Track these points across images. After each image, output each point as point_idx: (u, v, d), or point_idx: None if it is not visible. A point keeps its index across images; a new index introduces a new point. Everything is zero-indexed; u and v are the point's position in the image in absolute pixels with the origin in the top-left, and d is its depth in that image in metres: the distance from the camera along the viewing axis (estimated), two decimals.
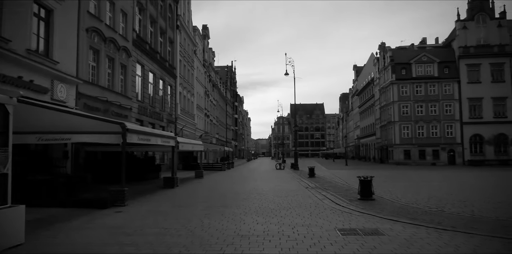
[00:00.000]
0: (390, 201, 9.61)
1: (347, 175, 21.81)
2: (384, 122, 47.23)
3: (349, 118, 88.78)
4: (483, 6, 41.18)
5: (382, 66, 48.11)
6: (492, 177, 19.45)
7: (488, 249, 4.73)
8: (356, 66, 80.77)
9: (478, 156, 39.86)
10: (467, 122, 40.29)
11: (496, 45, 40.43)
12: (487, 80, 40.33)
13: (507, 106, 39.87)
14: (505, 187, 13.63)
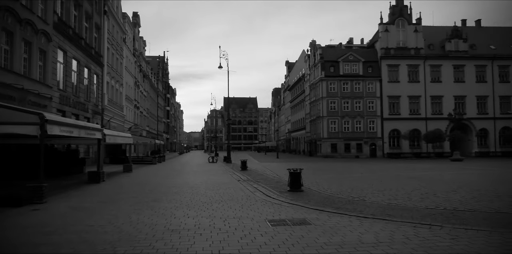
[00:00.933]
0: (318, 192, 10.09)
1: (278, 167, 22.44)
2: (314, 117, 49.33)
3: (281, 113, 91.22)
4: (403, 12, 44.71)
5: (313, 63, 50.05)
6: (406, 169, 21.33)
7: (402, 233, 5.18)
8: (288, 62, 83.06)
9: (395, 149, 43.47)
10: (387, 118, 43.66)
11: (413, 48, 44.19)
12: (405, 80, 44.00)
13: (420, 104, 43.92)
14: (418, 177, 15.05)
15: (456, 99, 44.11)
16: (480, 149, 44.06)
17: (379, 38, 44.76)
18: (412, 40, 44.25)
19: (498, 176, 15.62)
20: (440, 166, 24.10)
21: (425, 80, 44.00)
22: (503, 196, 8.96)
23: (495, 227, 5.54)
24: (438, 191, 10.19)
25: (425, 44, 44.75)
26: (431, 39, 45.65)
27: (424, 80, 43.98)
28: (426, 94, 43.87)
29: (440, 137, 38.96)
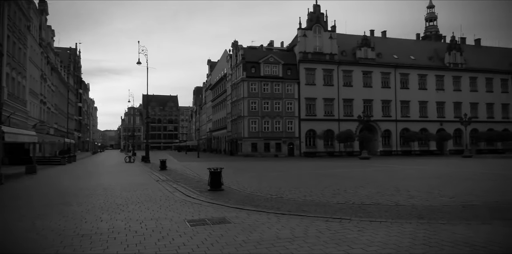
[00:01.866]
0: (238, 191, 10.22)
1: (199, 167, 22.24)
2: (235, 117, 49.82)
3: (202, 112, 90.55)
4: (319, 19, 47.37)
5: (235, 63, 50.53)
6: (320, 167, 22.65)
7: (315, 228, 5.49)
8: (210, 61, 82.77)
9: (311, 148, 45.87)
10: (304, 119, 45.87)
11: (328, 54, 47.04)
12: (320, 83, 46.66)
13: (334, 106, 46.97)
14: (330, 174, 16.08)
15: (365, 102, 48.04)
16: (384, 148, 48.58)
17: (297, 42, 46.83)
18: (328, 46, 47.11)
19: (398, 172, 17.36)
20: (350, 164, 26.02)
21: (339, 84, 47.17)
22: (402, 191, 9.97)
23: (395, 218, 6.15)
24: (348, 187, 10.99)
25: (338, 50, 47.96)
26: (344, 46, 49.10)
27: (337, 84, 47.11)
28: (339, 97, 47.05)
29: (351, 137, 42.08)
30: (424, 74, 50.80)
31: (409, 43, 56.70)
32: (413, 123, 49.40)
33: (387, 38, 56.95)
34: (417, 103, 50.19)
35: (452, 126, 50.77)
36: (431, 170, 18.57)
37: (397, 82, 49.48)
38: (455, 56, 52.61)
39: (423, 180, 12.88)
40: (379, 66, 48.80)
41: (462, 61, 52.82)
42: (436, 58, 53.09)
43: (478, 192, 9.46)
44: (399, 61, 49.90)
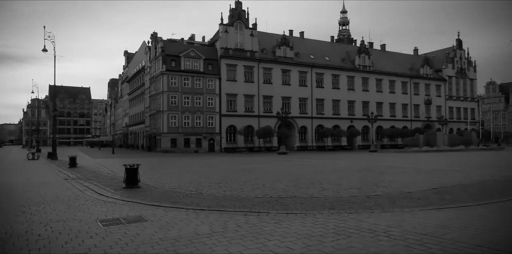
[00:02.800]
0: (155, 188, 9.90)
1: (114, 163, 21.07)
2: (153, 111, 48.11)
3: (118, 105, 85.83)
4: (241, 16, 47.81)
5: (154, 56, 48.70)
6: (240, 162, 22.99)
7: (234, 222, 5.55)
8: (127, 52, 78.62)
9: (232, 144, 46.27)
10: (225, 114, 46.05)
11: (249, 51, 47.74)
12: (241, 79, 47.21)
13: (254, 102, 47.91)
14: (250, 169, 16.41)
15: (283, 100, 49.83)
16: (301, 143, 51.00)
17: (219, 37, 46.72)
18: (249, 43, 47.80)
19: (313, 166, 18.37)
20: (269, 159, 26.83)
21: (259, 81, 48.21)
22: (315, 183, 10.57)
23: (309, 209, 6.50)
24: (267, 181, 11.32)
25: (259, 48, 48.97)
26: (264, 44, 50.28)
27: (258, 81, 48.12)
28: (259, 94, 48.12)
29: (270, 133, 43.38)
30: (337, 75, 54.32)
31: (324, 45, 60.12)
32: (327, 121, 52.63)
33: (305, 39, 59.68)
34: (331, 102, 53.55)
35: (361, 123, 55.23)
36: (343, 163, 19.98)
37: (313, 81, 52.19)
38: (364, 59, 57.12)
39: (335, 173, 13.81)
40: (297, 65, 50.94)
41: (370, 64, 57.59)
42: (348, 60, 57.08)
43: (382, 184, 10.42)
44: (315, 61, 52.64)
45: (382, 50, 67.87)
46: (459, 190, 8.82)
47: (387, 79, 59.64)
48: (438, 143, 41.89)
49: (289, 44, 50.67)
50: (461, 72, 69.39)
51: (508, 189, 8.86)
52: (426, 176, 12.32)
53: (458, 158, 25.17)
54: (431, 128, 62.03)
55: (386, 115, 58.96)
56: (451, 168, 15.65)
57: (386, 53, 67.36)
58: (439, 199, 7.54)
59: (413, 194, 8.30)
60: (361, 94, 56.58)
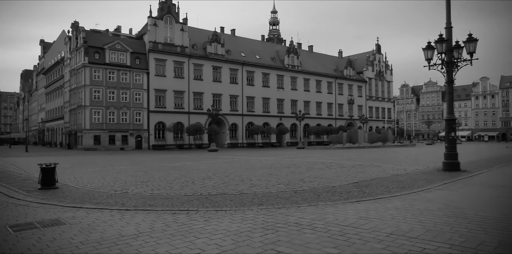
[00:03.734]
0: (75, 188, 9.25)
1: (27, 163, 19.26)
2: (74, 106, 44.91)
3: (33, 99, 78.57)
4: (171, 10, 46.55)
5: (75, 47, 45.37)
6: (169, 159, 22.44)
7: (162, 221, 5.40)
8: (44, 41, 72.27)
9: (161, 141, 44.96)
10: (153, 111, 44.55)
11: (179, 46, 46.67)
12: (171, 75, 46.03)
13: (184, 99, 47.02)
14: (179, 167, 16.08)
15: (214, 96, 49.63)
16: (232, 140, 51.26)
17: (147, 31, 44.99)
18: (179, 38, 46.71)
19: (243, 163, 18.57)
20: (199, 156, 26.55)
21: (189, 77, 47.40)
22: (245, 180, 10.70)
23: (239, 206, 6.56)
24: (196, 178, 11.19)
25: (190, 43, 48.12)
26: (195, 40, 49.54)
27: (188, 77, 47.29)
28: (190, 90, 47.34)
29: (200, 129, 42.92)
30: (267, 73, 55.49)
31: (255, 43, 61.00)
32: (257, 118, 53.57)
33: (236, 36, 59.98)
34: (261, 100, 54.58)
35: (289, 121, 57.14)
36: (272, 160, 20.49)
37: (244, 79, 52.71)
38: (293, 59, 59.07)
39: (264, 170, 14.11)
40: (228, 62, 51.01)
41: (298, 64, 59.73)
42: (277, 59, 58.58)
43: (308, 179, 10.88)
44: (246, 59, 53.17)
45: (310, 51, 70.80)
46: (377, 183, 9.55)
47: (314, 79, 62.37)
48: (359, 140, 44.91)
49: (220, 41, 50.55)
50: (379, 74, 75.05)
51: (417, 182, 9.79)
52: (348, 171, 13.13)
53: (376, 153, 27.24)
54: (353, 125, 66.32)
55: (313, 113, 61.71)
56: (370, 163, 16.87)
57: (314, 54, 70.39)
58: (359, 192, 8.08)
59: (336, 188, 8.79)
60: (290, 93, 58.49)
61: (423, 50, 12.70)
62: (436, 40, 12.27)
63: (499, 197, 7.19)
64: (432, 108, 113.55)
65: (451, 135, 12.51)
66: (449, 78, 12.35)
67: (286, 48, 60.13)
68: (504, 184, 9.13)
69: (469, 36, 12.03)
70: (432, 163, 16.27)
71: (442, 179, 10.02)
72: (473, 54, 11.96)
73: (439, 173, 11.82)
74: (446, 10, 12.34)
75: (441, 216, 5.48)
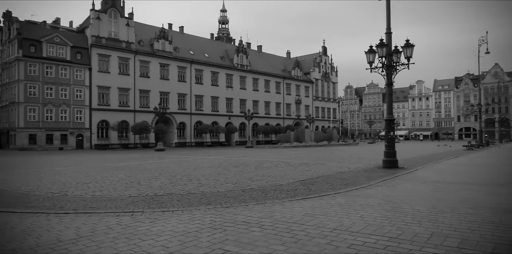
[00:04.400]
0: (7, 191, 8.56)
1: None
2: (6, 103, 41.54)
3: None
4: (115, 3, 44.69)
5: (7, 38, 41.96)
6: (113, 159, 21.53)
7: (105, 224, 5.16)
8: None
9: (104, 140, 43.00)
10: (96, 108, 42.49)
11: (124, 41, 44.94)
12: (115, 71, 44.19)
13: (129, 96, 45.38)
14: (124, 167, 15.48)
15: (162, 95, 48.43)
16: (179, 139, 50.35)
17: (90, 24, 42.82)
18: (124, 33, 44.97)
19: (191, 162, 18.32)
20: (145, 155, 25.77)
21: (135, 74, 45.82)
22: (193, 180, 10.56)
23: (186, 206, 6.45)
24: (142, 179, 10.84)
25: (136, 39, 46.51)
26: (142, 36, 48.00)
27: (134, 74, 45.69)
28: (136, 88, 45.78)
29: (146, 128, 41.67)
30: (216, 72, 55.21)
31: (204, 42, 60.43)
32: (206, 117, 53.12)
33: (185, 34, 59.01)
34: (210, 98, 54.19)
35: (238, 120, 57.32)
36: (220, 159, 20.42)
37: (193, 77, 52.02)
38: (242, 58, 59.31)
39: (213, 169, 14.02)
40: (176, 60, 50.04)
41: (248, 63, 60.10)
42: (226, 58, 58.50)
43: (257, 178, 10.98)
44: (194, 57, 52.49)
45: (259, 51, 71.54)
46: (322, 181, 9.87)
47: (263, 79, 63.11)
48: (306, 139, 46.19)
49: (168, 38, 49.47)
50: (325, 76, 77.70)
51: (359, 179, 10.26)
52: (295, 169, 13.44)
53: (322, 152, 28.19)
54: (301, 125, 68.07)
55: (262, 113, 62.43)
56: (316, 162, 17.41)
57: (262, 54, 71.22)
58: (305, 189, 8.30)
59: (283, 186, 8.96)
60: (239, 92, 58.69)
61: (365, 54, 13.34)
62: (377, 45, 12.95)
63: (432, 192, 7.75)
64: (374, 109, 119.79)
65: (390, 134, 13.28)
66: (388, 80, 13.10)
67: (236, 47, 60.21)
68: (436, 179, 9.86)
69: (406, 42, 12.84)
70: (373, 161, 17.16)
71: (382, 176, 10.61)
72: (410, 58, 12.79)
73: (379, 170, 12.49)
74: (387, 17, 13.07)
75: (381, 211, 5.80)
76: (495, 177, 10.38)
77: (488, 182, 9.26)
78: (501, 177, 10.37)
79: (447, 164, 15.34)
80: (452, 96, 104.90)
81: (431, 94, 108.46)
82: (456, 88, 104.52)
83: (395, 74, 13.14)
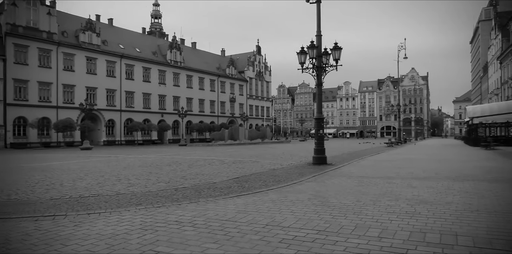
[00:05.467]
0: None
1: None
2: None
3: None
4: None
5: None
6: (31, 159, 19.81)
7: (22, 230, 4.73)
8: None
9: (21, 139, 39.35)
10: (12, 104, 38.71)
11: (45, 31, 41.47)
12: (35, 63, 40.61)
13: (51, 91, 42.02)
14: (43, 168, 14.30)
15: (88, 90, 45.56)
16: (108, 138, 47.81)
17: (4, 11, 38.80)
18: (45, 22, 41.49)
19: (120, 162, 17.50)
20: (69, 155, 24.07)
21: (58, 67, 42.54)
22: (123, 180, 10.10)
23: (115, 207, 6.15)
24: (65, 180, 10.12)
25: (59, 30, 43.19)
26: (66, 27, 44.70)
27: (56, 67, 42.39)
28: (58, 82, 42.52)
29: (71, 126, 38.93)
30: (148, 68, 53.33)
31: (135, 36, 58.03)
32: (137, 114, 51.10)
33: (114, 26, 56.15)
34: (141, 95, 52.21)
35: (172, 118, 56.00)
36: (152, 158, 19.78)
37: (123, 73, 49.69)
38: (175, 54, 58.00)
39: (144, 168, 13.53)
40: (104, 53, 47.41)
41: (181, 60, 58.93)
42: (159, 54, 56.79)
43: (190, 176, 10.82)
44: (125, 52, 50.17)
45: (193, 48, 70.55)
46: (255, 178, 10.03)
47: (197, 76, 62.35)
48: (240, 137, 46.57)
49: (95, 30, 46.68)
50: (259, 75, 78.97)
51: (291, 175, 10.61)
52: (229, 167, 13.49)
53: (256, 150, 28.63)
54: (235, 123, 68.47)
55: (196, 110, 61.70)
56: (250, 159, 17.64)
57: (197, 51, 70.35)
58: (239, 187, 8.37)
59: (217, 184, 8.95)
60: (172, 89, 57.37)
61: (297, 55, 13.80)
62: (308, 46, 13.46)
63: (357, 186, 8.27)
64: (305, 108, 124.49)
65: (320, 132, 13.91)
66: (318, 81, 13.69)
67: (169, 43, 58.69)
68: (361, 174, 10.54)
69: (335, 44, 13.52)
70: (304, 158, 17.84)
71: (312, 172, 11.07)
72: (338, 60, 13.49)
73: (310, 166, 13.02)
74: (317, 20, 13.64)
75: (310, 206, 6.05)
76: (413, 171, 11.37)
77: (407, 176, 10.12)
78: (418, 171, 11.39)
79: (371, 160, 16.47)
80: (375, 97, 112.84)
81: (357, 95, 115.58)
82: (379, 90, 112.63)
83: (324, 75, 13.77)
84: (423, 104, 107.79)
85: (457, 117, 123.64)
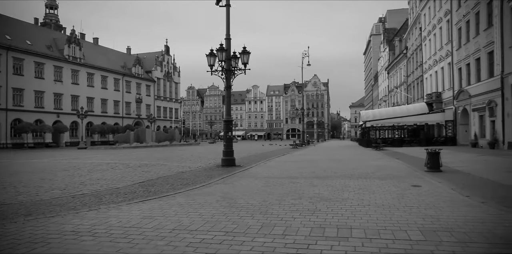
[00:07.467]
0: None
1: None
2: None
3: None
4: None
5: None
6: None
7: None
8: None
9: None
10: None
11: None
12: None
13: None
14: None
15: None
16: None
17: None
18: None
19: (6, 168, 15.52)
20: None
21: None
22: (8, 188, 8.95)
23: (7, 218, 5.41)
24: None
25: None
26: None
27: None
28: None
29: None
30: (42, 63, 48.21)
31: (26, 26, 52.02)
32: (28, 114, 45.78)
33: None
34: (33, 93, 46.94)
35: (69, 118, 51.36)
36: (45, 163, 17.91)
37: (10, 67, 44.10)
38: (74, 50, 53.45)
39: (35, 174, 12.18)
40: None
41: (81, 56, 54.53)
42: (55, 48, 51.80)
43: (90, 182, 10.04)
44: (12, 43, 44.61)
45: (95, 44, 65.94)
46: (162, 181, 9.72)
47: (99, 74, 58.38)
48: (147, 139, 44.79)
49: None
50: (168, 75, 77.03)
51: (199, 178, 10.52)
52: (134, 171, 12.86)
53: (163, 152, 27.77)
54: (141, 125, 65.60)
55: (98, 111, 57.64)
56: (157, 162, 17.04)
57: (99, 47, 65.89)
58: (144, 191, 8.03)
59: (120, 189, 8.46)
60: (71, 87, 52.79)
61: (206, 57, 13.78)
62: (217, 49, 13.54)
63: (264, 187, 8.54)
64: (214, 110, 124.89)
65: (229, 134, 14.08)
66: (227, 83, 13.86)
67: (67, 37, 53.81)
68: (268, 175, 10.92)
69: (243, 49, 13.84)
70: (213, 160, 17.86)
71: (221, 174, 11.13)
72: (246, 64, 13.82)
73: (219, 168, 13.08)
74: (226, 23, 13.81)
75: (218, 208, 6.07)
76: (315, 170, 12.14)
77: (309, 175, 10.77)
78: (319, 171, 12.19)
79: (276, 161, 17.18)
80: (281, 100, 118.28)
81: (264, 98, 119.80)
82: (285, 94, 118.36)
83: (233, 78, 13.98)
84: (324, 108, 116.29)
85: (353, 121, 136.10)
